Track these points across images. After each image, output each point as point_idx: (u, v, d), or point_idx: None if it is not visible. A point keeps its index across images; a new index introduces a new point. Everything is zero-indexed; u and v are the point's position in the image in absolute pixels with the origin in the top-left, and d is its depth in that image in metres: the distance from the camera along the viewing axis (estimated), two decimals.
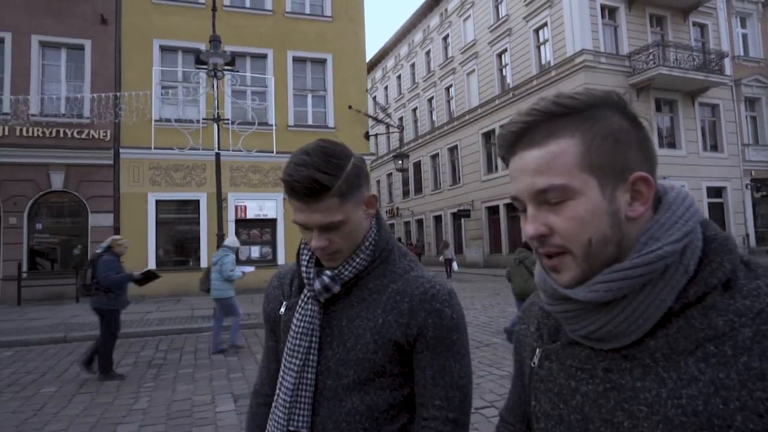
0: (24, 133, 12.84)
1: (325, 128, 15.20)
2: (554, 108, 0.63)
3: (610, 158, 0.62)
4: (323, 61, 15.57)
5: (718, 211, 20.53)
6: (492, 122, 23.57)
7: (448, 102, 27.73)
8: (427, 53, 29.95)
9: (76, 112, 13.43)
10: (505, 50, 22.86)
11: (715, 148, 20.88)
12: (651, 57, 18.60)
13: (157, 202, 13.83)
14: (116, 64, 13.73)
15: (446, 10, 27.70)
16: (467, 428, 1.00)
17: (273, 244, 14.78)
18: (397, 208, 33.20)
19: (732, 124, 21.08)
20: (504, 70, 23.19)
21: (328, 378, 0.99)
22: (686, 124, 20.08)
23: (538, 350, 0.76)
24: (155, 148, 13.48)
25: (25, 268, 12.65)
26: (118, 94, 13.20)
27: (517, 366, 0.86)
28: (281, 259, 14.53)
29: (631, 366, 0.62)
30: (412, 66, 31.89)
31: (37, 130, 12.94)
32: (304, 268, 1.04)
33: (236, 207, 14.42)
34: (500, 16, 23.09)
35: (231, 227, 14.24)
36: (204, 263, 13.25)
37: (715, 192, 20.58)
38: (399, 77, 33.72)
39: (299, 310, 1.02)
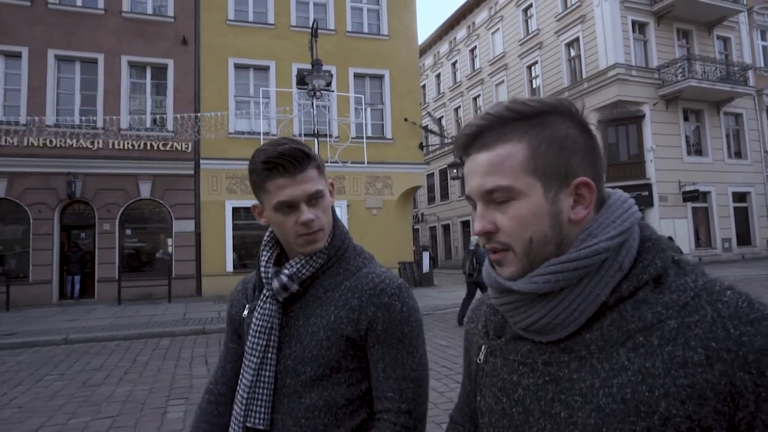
0: (115, 146, 13.93)
1: (383, 139, 16.27)
2: (506, 113, 0.66)
3: (554, 163, 0.65)
4: (381, 77, 16.68)
5: (743, 215, 21.58)
6: None
7: (476, 112, 28.83)
8: (453, 64, 31.12)
9: (160, 126, 14.52)
10: (536, 62, 23.98)
11: (738, 155, 21.97)
12: (680, 70, 19.74)
13: (233, 209, 14.90)
14: (196, 81, 14.84)
15: (473, 23, 28.87)
16: (422, 419, 1.01)
17: None
18: (422, 214, 34.27)
19: (755, 132, 22.18)
20: (534, 81, 24.31)
21: (288, 376, 1.01)
22: (712, 132, 21.17)
23: (483, 347, 0.78)
24: (231, 159, 14.63)
25: (117, 270, 13.70)
26: (198, 114, 14.29)
27: (466, 365, 0.87)
28: None
29: (569, 358, 0.64)
30: (438, 76, 33.05)
31: (127, 143, 14.02)
32: (263, 268, 1.07)
33: None
34: (530, 31, 24.23)
35: None
36: None
37: (740, 197, 21.64)
38: (424, 87, 34.88)
39: (258, 310, 1.06)
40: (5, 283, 12.08)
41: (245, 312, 1.12)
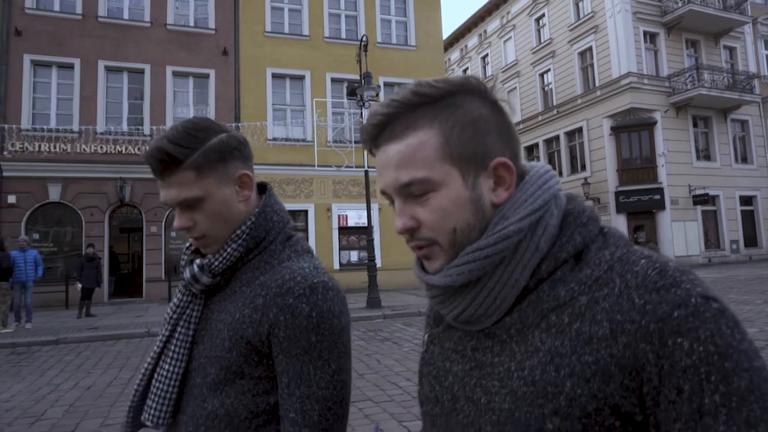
0: None
1: None
2: (413, 98, 0.62)
3: (469, 147, 0.62)
4: None
5: (749, 218, 22.45)
6: (535, 137, 25.47)
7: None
8: (464, 71, 31.95)
9: None
10: (548, 70, 24.82)
11: (745, 160, 22.87)
12: (690, 78, 20.62)
13: None
14: (236, 90, 15.56)
15: (485, 31, 29.71)
16: None
17: (369, 249, 16.51)
18: None
19: (760, 138, 23.10)
20: (546, 88, 25.14)
21: (198, 375, 0.91)
22: (720, 138, 22.05)
23: (426, 336, 0.77)
24: (270, 164, 15.35)
25: (164, 270, 14.37)
26: (239, 124, 15.01)
27: None
28: (377, 263, 16.26)
29: (492, 343, 0.63)
30: None
31: None
32: (182, 257, 1.01)
33: (338, 216, 16.19)
34: (542, 40, 25.07)
35: (335, 234, 16.02)
36: None
37: (746, 200, 22.51)
38: None
39: (173, 299, 0.97)
40: (64, 283, 12.73)
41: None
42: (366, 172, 11.99)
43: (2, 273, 9.17)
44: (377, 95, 11.40)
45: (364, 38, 11.87)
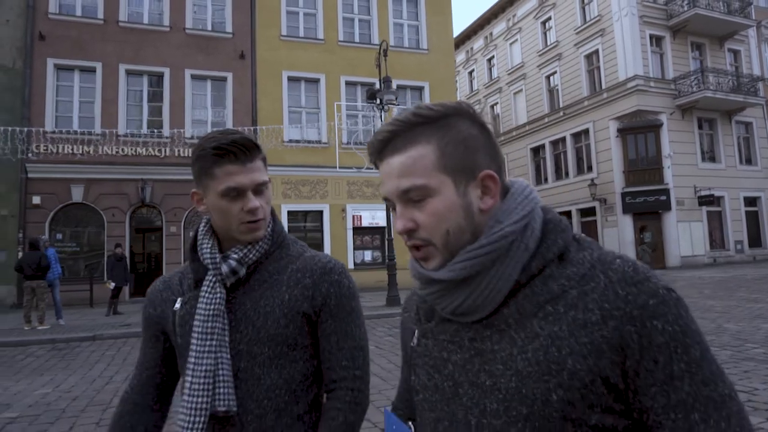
0: (180, 154, 14.92)
1: None
2: (414, 118, 0.72)
3: (461, 160, 0.71)
4: (421, 89, 17.77)
5: (753, 219, 22.76)
6: (541, 138, 25.76)
7: (494, 119, 29.94)
8: (470, 73, 32.27)
9: None
10: (555, 72, 25.12)
11: (749, 161, 23.20)
12: (695, 81, 20.95)
13: (288, 212, 15.90)
14: (252, 92, 15.87)
15: (491, 34, 30.02)
16: (369, 383, 1.11)
17: (382, 249, 16.83)
18: None
19: (764, 140, 23.42)
20: (553, 91, 25.44)
21: (241, 361, 1.04)
22: (724, 140, 22.38)
23: (416, 331, 0.84)
24: (286, 166, 15.66)
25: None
26: (257, 128, 15.33)
27: (404, 353, 0.92)
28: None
29: (491, 333, 0.71)
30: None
31: (190, 151, 14.98)
32: (208, 255, 1.08)
33: (353, 217, 16.50)
34: (549, 42, 25.38)
35: (349, 235, 16.34)
36: None
37: (751, 201, 22.83)
38: None
39: (206, 296, 1.05)
40: (89, 282, 13.03)
41: (177, 305, 1.11)
42: None
43: (42, 271, 9.47)
44: (396, 99, 11.70)
45: (384, 44, 12.16)
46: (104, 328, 9.41)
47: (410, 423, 0.82)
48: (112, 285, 11.16)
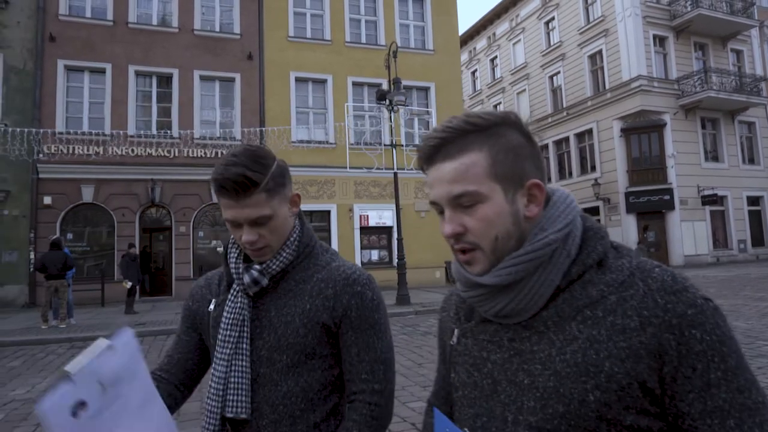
0: (189, 155, 15.03)
1: None
2: (465, 126, 0.74)
3: (511, 168, 0.74)
4: (426, 89, 17.88)
5: (756, 218, 22.89)
6: (544, 138, 25.86)
7: None
8: (473, 73, 32.38)
9: (228, 135, 15.64)
10: (558, 73, 25.24)
11: (752, 161, 23.33)
12: (698, 81, 21.07)
13: None
14: (260, 93, 15.97)
15: (494, 34, 30.12)
16: (392, 396, 1.09)
17: (389, 248, 16.97)
18: None
19: (767, 140, 23.55)
20: (556, 91, 25.56)
21: (262, 366, 1.07)
22: (727, 140, 22.51)
23: (456, 330, 0.87)
24: (293, 166, 15.75)
25: (192, 269, 14.79)
26: (263, 129, 15.46)
27: (441, 351, 0.95)
28: (396, 262, 16.67)
29: (530, 334, 0.74)
30: None
31: (199, 151, 15.13)
32: (233, 265, 1.12)
33: (360, 216, 16.62)
34: (552, 43, 25.49)
35: (356, 234, 16.46)
36: None
37: (753, 201, 22.95)
38: None
39: (229, 304, 1.10)
40: (100, 281, 13.15)
41: (211, 306, 1.16)
42: (395, 174, 12.38)
43: (65, 271, 9.62)
44: (405, 100, 11.81)
45: (394, 45, 12.27)
46: (119, 328, 9.51)
47: (466, 430, 0.79)
48: (129, 284, 11.29)
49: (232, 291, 1.11)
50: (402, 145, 14.45)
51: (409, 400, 4.73)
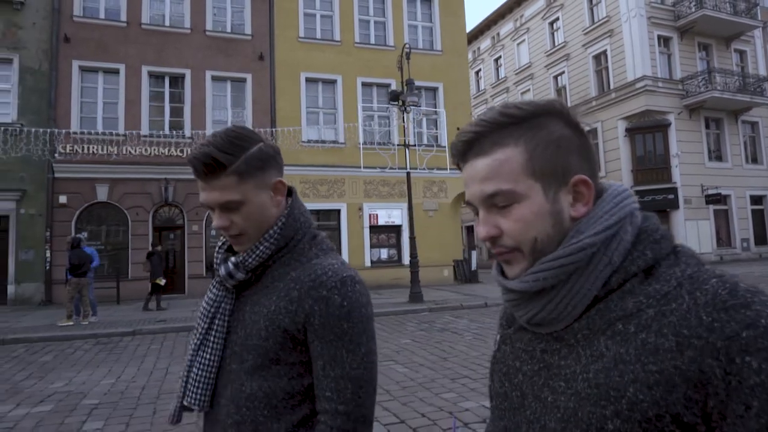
0: None
1: (439, 146, 17.64)
2: (500, 118, 0.67)
3: (551, 164, 0.66)
4: (435, 89, 18.07)
5: (759, 217, 23.11)
6: None
7: None
8: (477, 72, 32.56)
9: None
10: (563, 73, 25.42)
11: (755, 160, 23.54)
12: (702, 81, 21.27)
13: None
14: (271, 93, 16.15)
15: (498, 34, 30.30)
16: (364, 422, 0.95)
17: (398, 247, 17.17)
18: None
19: None
20: (561, 91, 25.74)
21: (233, 362, 1.01)
22: (731, 139, 22.72)
23: (498, 336, 0.82)
24: (304, 165, 15.96)
25: (204, 267, 14.97)
26: (274, 129, 15.64)
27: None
28: (405, 260, 16.87)
29: (560, 346, 0.67)
30: None
31: None
32: (216, 254, 1.09)
33: (369, 215, 16.81)
34: (557, 43, 25.67)
35: (366, 233, 16.66)
36: None
37: (756, 200, 23.17)
38: None
39: (207, 293, 1.07)
40: (115, 279, 13.34)
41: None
42: (408, 174, 12.56)
43: (87, 269, 9.83)
44: (418, 100, 11.99)
45: (407, 47, 12.46)
46: (141, 324, 9.71)
47: None
48: (163, 281, 11.59)
49: (212, 281, 1.08)
50: (414, 145, 14.61)
51: (441, 392, 4.93)
